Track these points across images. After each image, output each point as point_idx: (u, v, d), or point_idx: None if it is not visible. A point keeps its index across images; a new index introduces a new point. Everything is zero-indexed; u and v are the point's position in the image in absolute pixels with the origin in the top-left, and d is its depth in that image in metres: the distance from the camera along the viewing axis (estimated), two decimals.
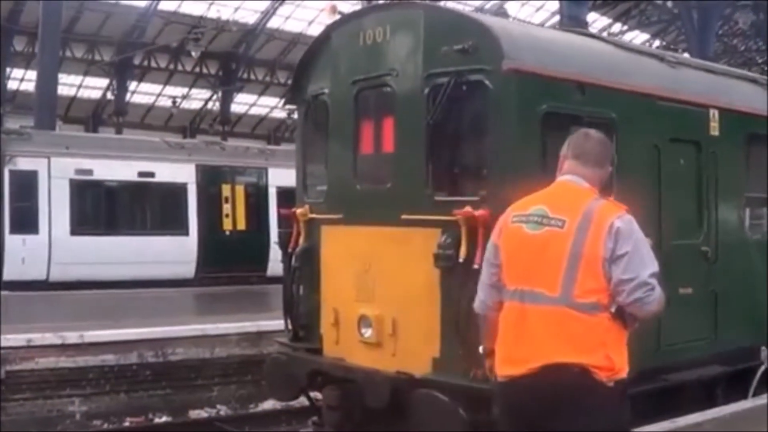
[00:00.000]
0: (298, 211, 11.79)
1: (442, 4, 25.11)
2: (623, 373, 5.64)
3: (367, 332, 10.52)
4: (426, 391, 9.48)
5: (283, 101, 63.51)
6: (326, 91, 11.62)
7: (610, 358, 5.56)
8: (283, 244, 12.09)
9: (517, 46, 9.66)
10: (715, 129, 11.95)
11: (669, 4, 56.22)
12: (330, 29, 11.89)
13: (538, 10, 60.72)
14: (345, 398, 10.50)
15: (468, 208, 9.38)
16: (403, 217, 10.14)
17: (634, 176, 10.70)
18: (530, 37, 10.86)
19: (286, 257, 11.99)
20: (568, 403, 5.52)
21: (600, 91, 10.28)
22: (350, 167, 11.21)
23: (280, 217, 29.25)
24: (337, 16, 11.91)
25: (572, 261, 5.61)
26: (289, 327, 11.96)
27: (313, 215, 11.64)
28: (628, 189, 10.50)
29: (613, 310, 5.61)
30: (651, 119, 10.97)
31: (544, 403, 5.56)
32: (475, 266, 9.26)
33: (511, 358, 5.75)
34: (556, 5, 49.49)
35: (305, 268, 11.64)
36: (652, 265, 5.66)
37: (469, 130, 10.45)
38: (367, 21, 11.14)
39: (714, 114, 11.92)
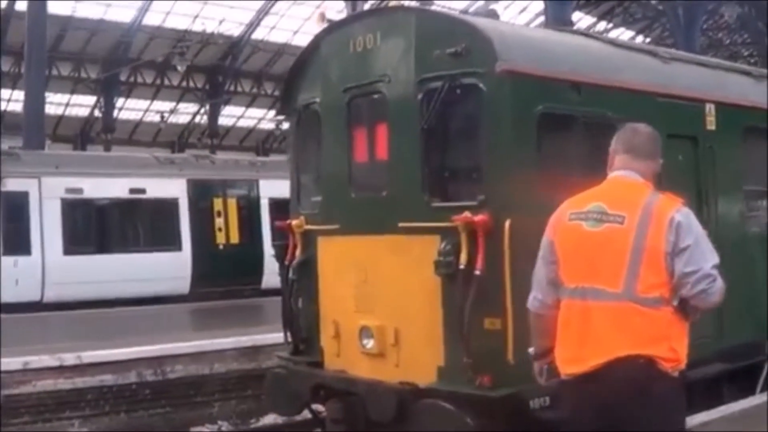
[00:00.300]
0: (294, 222, 11.64)
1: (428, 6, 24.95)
2: (683, 364, 5.70)
3: (369, 343, 10.39)
4: (432, 401, 9.35)
5: (270, 112, 63.74)
6: (317, 100, 11.50)
7: (674, 349, 5.62)
8: (280, 256, 11.94)
9: (509, 47, 9.54)
10: (711, 123, 11.86)
11: (653, 1, 56.30)
12: (319, 38, 11.75)
13: (522, 11, 60.70)
14: (349, 411, 10.35)
15: (467, 214, 9.26)
16: (401, 225, 10.02)
17: None
18: (522, 37, 10.77)
19: (284, 270, 11.84)
20: (636, 395, 5.56)
21: (595, 90, 10.18)
22: (345, 176, 11.08)
23: (275, 229, 29.07)
24: (326, 24, 11.74)
25: (634, 256, 5.64)
26: (289, 340, 11.81)
27: (309, 226, 11.49)
28: None
29: (675, 303, 5.66)
30: (647, 116, 10.79)
31: (613, 397, 5.60)
32: (477, 272, 9.17)
33: (576, 355, 5.77)
34: (539, 6, 49.53)
35: (303, 280, 11.50)
36: (713, 257, 5.70)
37: (465, 134, 10.33)
38: (357, 28, 11.02)
39: (710, 108, 11.84)
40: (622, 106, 10.43)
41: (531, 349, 6.43)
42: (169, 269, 28.64)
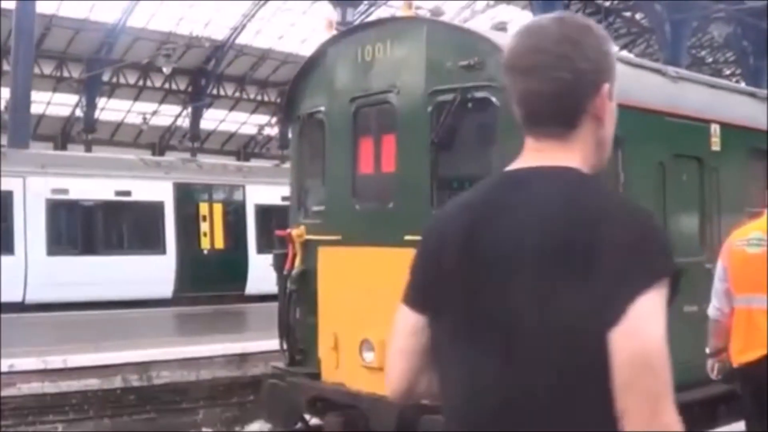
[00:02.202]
0: (294, 232, 11.48)
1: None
2: None
3: (369, 356, 10.24)
4: (435, 417, 9.21)
5: (252, 116, 63.54)
6: (322, 108, 11.34)
7: None
8: (278, 266, 11.78)
9: None
10: (716, 144, 11.80)
11: (637, 16, 56.45)
12: (326, 45, 11.61)
13: (508, 22, 60.61)
14: (349, 425, 10.20)
15: None
16: (407, 237, 9.86)
17: (640, 194, 10.52)
18: None
19: (282, 279, 11.68)
20: None
21: None
22: (349, 187, 10.95)
23: (263, 236, 29.14)
24: (334, 32, 11.61)
25: None
26: (285, 350, 11.65)
27: (310, 236, 11.34)
28: None
29: None
30: (655, 136, 10.81)
31: None
32: None
33: (745, 349, 7.49)
34: (525, 18, 49.53)
35: (302, 290, 11.33)
36: None
37: (475, 147, 10.23)
38: (366, 36, 10.90)
39: (715, 129, 11.76)
40: (630, 125, 10.36)
41: (707, 349, 8.02)
42: (153, 272, 28.34)
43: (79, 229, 28.44)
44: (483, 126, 9.85)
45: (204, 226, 30.36)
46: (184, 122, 62.80)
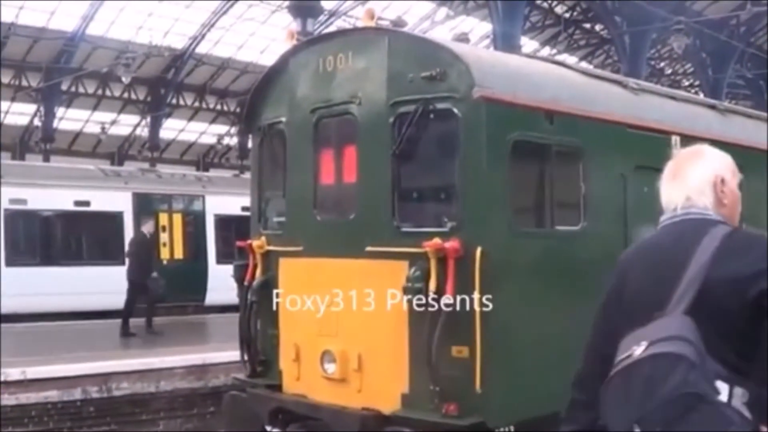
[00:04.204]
0: (255, 243, 11.43)
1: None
2: None
3: (331, 368, 10.22)
4: (397, 429, 9.22)
5: (212, 126, 63.30)
6: (283, 119, 11.31)
7: None
8: (239, 276, 11.72)
9: (487, 74, 9.46)
10: None
11: (597, 27, 56.75)
12: (287, 56, 11.56)
13: (469, 32, 60.61)
14: None
15: (437, 240, 9.13)
16: (368, 249, 9.87)
17: (602, 205, 10.56)
18: (499, 63, 10.68)
19: (242, 291, 11.62)
20: None
21: (567, 120, 10.12)
22: (310, 198, 10.91)
23: (223, 246, 29.02)
24: (295, 42, 11.57)
25: None
26: (246, 362, 11.60)
27: (271, 247, 11.30)
28: (596, 219, 10.36)
29: None
30: (617, 147, 10.85)
31: None
32: (446, 299, 9.02)
33: None
34: (484, 29, 49.71)
35: (263, 301, 11.28)
36: None
37: (437, 159, 10.20)
38: (328, 47, 10.87)
39: (676, 141, 11.80)
40: (592, 137, 10.41)
41: None
42: (112, 283, 28.05)
43: (38, 239, 28.23)
44: (445, 137, 9.82)
45: (163, 237, 30.18)
46: (143, 132, 62.40)
